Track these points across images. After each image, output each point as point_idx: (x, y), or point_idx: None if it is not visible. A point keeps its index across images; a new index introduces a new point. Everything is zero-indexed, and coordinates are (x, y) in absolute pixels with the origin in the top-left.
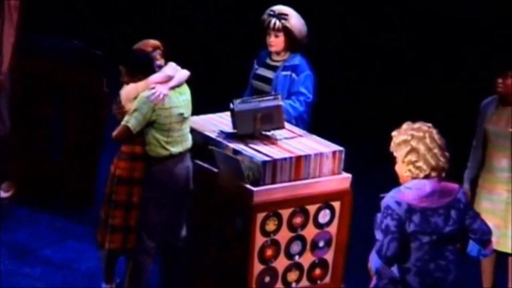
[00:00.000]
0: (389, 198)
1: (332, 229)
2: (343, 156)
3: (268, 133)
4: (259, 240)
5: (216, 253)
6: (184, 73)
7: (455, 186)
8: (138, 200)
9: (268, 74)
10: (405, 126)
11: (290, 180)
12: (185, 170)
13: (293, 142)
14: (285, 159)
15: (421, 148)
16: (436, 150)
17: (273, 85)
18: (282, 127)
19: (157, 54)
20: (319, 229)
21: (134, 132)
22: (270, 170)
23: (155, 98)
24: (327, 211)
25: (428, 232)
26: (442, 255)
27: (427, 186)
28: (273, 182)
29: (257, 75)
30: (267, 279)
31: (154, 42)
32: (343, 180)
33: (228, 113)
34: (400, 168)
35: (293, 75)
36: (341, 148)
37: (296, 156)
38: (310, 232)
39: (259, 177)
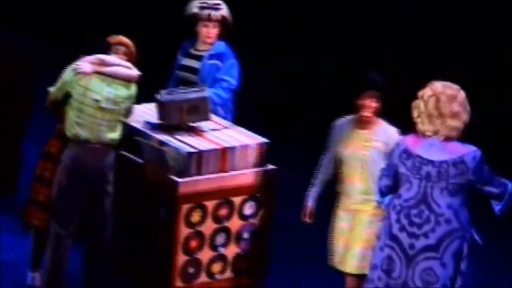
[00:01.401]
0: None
1: (257, 221)
2: (268, 148)
3: (194, 124)
4: (184, 231)
5: (140, 244)
6: (124, 70)
7: (464, 148)
8: (51, 177)
9: (194, 64)
10: (436, 82)
11: (215, 172)
12: (97, 162)
13: (219, 133)
14: (210, 150)
15: (421, 107)
16: (434, 116)
17: (200, 75)
18: (208, 119)
19: (119, 49)
20: (244, 221)
21: (53, 97)
22: (195, 161)
23: (76, 68)
24: (252, 203)
25: (418, 178)
26: (429, 206)
27: (430, 139)
28: (199, 174)
29: (183, 66)
30: (191, 270)
31: (121, 38)
32: (268, 173)
33: (155, 104)
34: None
35: (219, 63)
36: (266, 140)
37: (221, 148)
38: (235, 224)
39: (184, 168)
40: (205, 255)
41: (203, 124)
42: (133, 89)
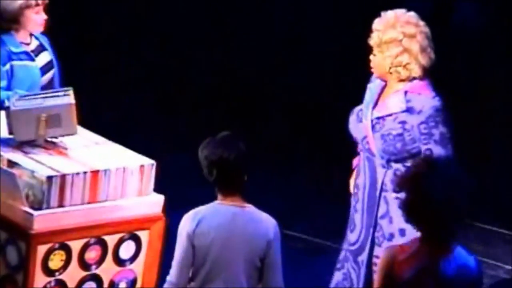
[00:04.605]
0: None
1: (138, 266)
2: (153, 171)
3: (55, 139)
4: (41, 280)
5: None
6: None
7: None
8: None
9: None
10: (390, 16)
11: (83, 203)
12: None
13: (88, 152)
14: (77, 174)
15: (414, 48)
16: (429, 49)
17: None
18: (75, 133)
19: None
20: (120, 267)
21: None
22: (56, 188)
23: None
24: (131, 244)
25: None
26: None
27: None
28: (61, 205)
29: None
30: None
31: None
32: (154, 203)
33: (3, 114)
34: (383, 65)
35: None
36: (151, 161)
37: (92, 171)
38: (108, 270)
39: (42, 197)
40: None
41: (67, 140)
42: None
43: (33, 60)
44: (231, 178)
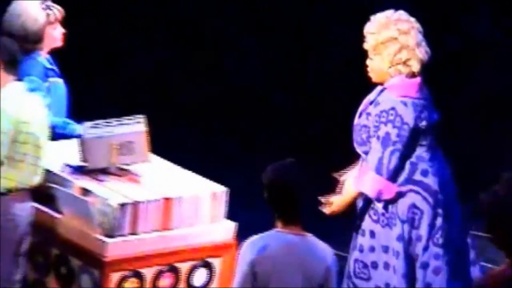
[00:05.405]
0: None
1: None
2: (226, 198)
3: (127, 167)
4: None
5: None
6: None
7: None
8: None
9: None
10: (381, 18)
11: (155, 230)
12: None
13: (160, 179)
14: (149, 201)
15: (411, 43)
16: (423, 43)
17: None
18: (146, 160)
19: None
20: None
21: None
22: (129, 216)
23: None
24: (204, 271)
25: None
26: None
27: (416, 79)
28: (134, 232)
29: None
30: None
31: None
32: (226, 230)
33: (75, 141)
34: (382, 67)
35: None
36: (223, 188)
37: (164, 198)
38: None
39: (114, 225)
40: None
41: (139, 167)
42: None
43: (60, 77)
44: (293, 206)
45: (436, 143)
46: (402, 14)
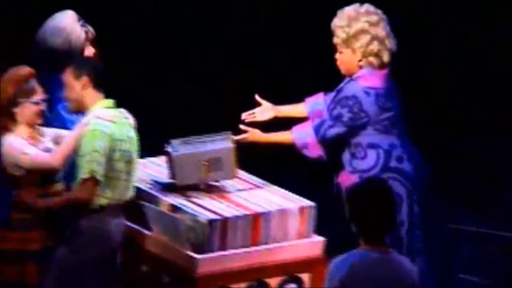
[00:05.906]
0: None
1: None
2: (314, 213)
3: (216, 183)
4: None
5: None
6: None
7: None
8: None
9: None
10: (349, 11)
11: (244, 246)
12: None
13: (248, 195)
14: (238, 217)
15: (381, 34)
16: (392, 34)
17: None
18: (235, 176)
19: None
20: None
21: None
22: (218, 232)
23: None
24: (293, 286)
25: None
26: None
27: (380, 72)
28: (223, 248)
29: None
30: None
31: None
32: (314, 245)
33: (163, 158)
34: (353, 60)
35: None
36: (311, 203)
37: (252, 214)
38: None
39: (204, 241)
40: None
41: (228, 183)
42: None
43: None
44: (379, 225)
45: (404, 131)
46: (369, 6)
